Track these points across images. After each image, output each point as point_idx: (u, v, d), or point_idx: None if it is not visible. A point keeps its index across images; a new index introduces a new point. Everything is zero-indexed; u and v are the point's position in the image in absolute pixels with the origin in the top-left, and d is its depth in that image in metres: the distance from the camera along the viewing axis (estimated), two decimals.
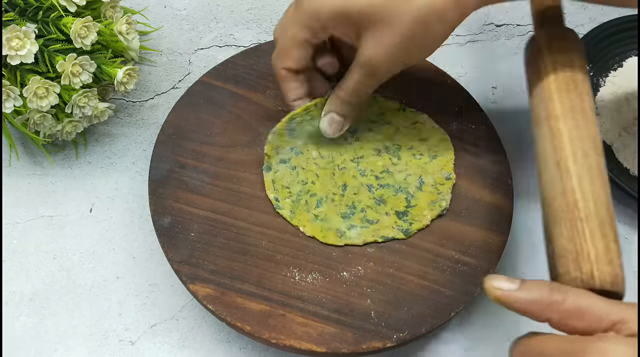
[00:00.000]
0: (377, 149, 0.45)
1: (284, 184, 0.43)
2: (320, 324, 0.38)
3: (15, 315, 0.44)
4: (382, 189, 0.44)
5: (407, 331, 0.38)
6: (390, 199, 0.43)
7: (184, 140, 0.45)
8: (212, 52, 0.56)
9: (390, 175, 0.44)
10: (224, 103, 0.47)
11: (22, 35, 0.41)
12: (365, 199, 0.43)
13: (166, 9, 0.58)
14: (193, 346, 0.43)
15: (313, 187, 0.43)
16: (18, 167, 0.49)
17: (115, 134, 0.51)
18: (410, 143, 0.46)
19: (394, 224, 0.42)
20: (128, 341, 0.43)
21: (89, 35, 0.44)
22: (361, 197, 0.43)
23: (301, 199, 0.43)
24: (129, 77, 0.46)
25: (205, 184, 0.43)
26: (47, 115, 0.44)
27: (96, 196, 0.48)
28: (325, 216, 0.42)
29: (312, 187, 0.43)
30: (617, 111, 0.52)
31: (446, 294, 0.40)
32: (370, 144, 0.45)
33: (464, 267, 0.41)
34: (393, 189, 0.44)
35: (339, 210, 0.43)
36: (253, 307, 0.39)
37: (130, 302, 0.44)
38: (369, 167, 0.44)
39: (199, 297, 0.39)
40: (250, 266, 0.40)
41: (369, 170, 0.44)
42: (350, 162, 0.44)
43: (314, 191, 0.43)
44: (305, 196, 0.43)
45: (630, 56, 0.55)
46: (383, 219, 0.42)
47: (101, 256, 0.46)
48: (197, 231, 0.41)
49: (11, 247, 0.46)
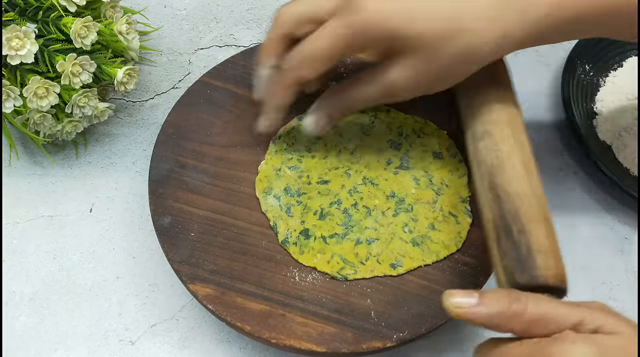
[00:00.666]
0: (386, 195, 0.43)
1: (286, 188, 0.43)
2: (320, 324, 0.38)
3: (15, 315, 0.44)
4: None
5: (407, 331, 0.38)
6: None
7: (184, 140, 0.45)
8: (212, 52, 0.56)
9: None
10: (224, 103, 0.47)
11: (22, 35, 0.41)
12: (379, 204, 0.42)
13: (166, 8, 0.58)
14: (193, 346, 0.43)
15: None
16: (18, 167, 0.49)
17: (115, 134, 0.51)
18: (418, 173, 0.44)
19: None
20: (128, 341, 0.43)
21: (89, 35, 0.44)
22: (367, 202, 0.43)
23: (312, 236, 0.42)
24: (129, 77, 0.46)
25: (205, 184, 0.43)
26: (47, 115, 0.44)
27: (96, 195, 0.48)
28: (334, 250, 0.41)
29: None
30: (617, 111, 0.52)
31: None
32: (379, 192, 0.43)
33: (464, 267, 0.41)
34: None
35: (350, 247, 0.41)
36: (253, 307, 0.39)
37: (130, 302, 0.44)
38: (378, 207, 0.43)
39: (199, 297, 0.39)
40: (250, 266, 0.40)
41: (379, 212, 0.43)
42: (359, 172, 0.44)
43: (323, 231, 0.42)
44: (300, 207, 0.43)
45: (630, 56, 0.55)
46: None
47: (101, 255, 0.46)
48: (197, 230, 0.41)
49: (11, 247, 0.46)
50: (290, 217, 0.42)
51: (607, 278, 0.46)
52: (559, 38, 0.37)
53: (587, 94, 0.53)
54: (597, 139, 0.51)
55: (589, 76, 0.54)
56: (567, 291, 0.33)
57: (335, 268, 0.40)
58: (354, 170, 0.44)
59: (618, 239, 0.48)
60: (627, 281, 0.46)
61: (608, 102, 0.53)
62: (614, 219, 0.49)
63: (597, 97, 0.53)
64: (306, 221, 0.42)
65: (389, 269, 0.40)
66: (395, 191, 0.43)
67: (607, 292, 0.46)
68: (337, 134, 0.46)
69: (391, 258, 0.41)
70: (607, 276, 0.47)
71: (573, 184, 0.51)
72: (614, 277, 0.47)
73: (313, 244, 0.41)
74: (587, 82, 0.54)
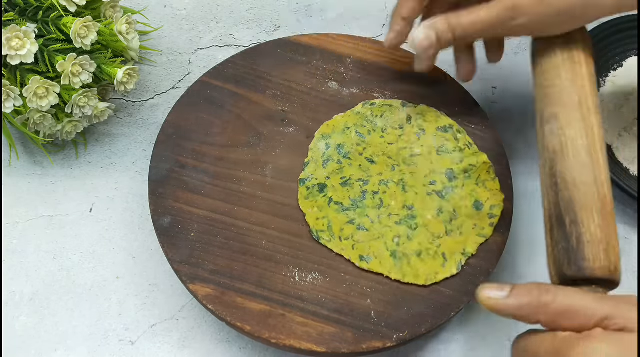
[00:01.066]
0: (406, 204, 0.43)
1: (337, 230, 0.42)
2: (320, 324, 0.38)
3: (15, 315, 0.44)
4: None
5: (407, 331, 0.38)
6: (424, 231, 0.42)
7: (184, 140, 0.45)
8: (212, 52, 0.56)
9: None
10: (224, 103, 0.47)
11: (22, 35, 0.41)
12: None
13: (166, 8, 0.58)
14: (193, 346, 0.43)
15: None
16: (18, 167, 0.49)
17: (115, 134, 0.51)
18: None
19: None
20: (128, 341, 0.43)
21: (89, 35, 0.44)
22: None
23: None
24: (129, 77, 0.46)
25: (205, 184, 0.43)
26: (47, 115, 0.44)
27: (96, 195, 0.48)
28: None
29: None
30: (617, 111, 0.52)
31: (446, 294, 0.40)
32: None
33: (464, 267, 0.41)
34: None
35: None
36: (253, 307, 0.39)
37: (130, 302, 0.44)
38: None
39: (199, 297, 0.39)
40: (250, 266, 0.40)
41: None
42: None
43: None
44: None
45: (630, 56, 0.55)
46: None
47: (101, 255, 0.46)
48: (197, 230, 0.41)
49: (11, 247, 0.46)
50: (322, 168, 0.44)
51: None
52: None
53: None
54: None
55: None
56: (618, 282, 0.33)
57: (317, 227, 0.42)
58: (399, 169, 0.44)
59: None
60: (627, 281, 0.46)
61: (608, 102, 0.53)
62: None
63: None
64: (331, 179, 0.44)
65: (356, 257, 0.41)
66: (416, 206, 0.43)
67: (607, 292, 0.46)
68: (416, 139, 0.46)
69: (365, 251, 0.41)
70: None
71: None
72: None
73: (319, 198, 0.43)
74: None
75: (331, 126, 0.46)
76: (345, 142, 0.45)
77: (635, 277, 0.47)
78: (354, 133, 0.45)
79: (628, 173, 0.49)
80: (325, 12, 0.59)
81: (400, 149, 0.45)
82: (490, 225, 0.42)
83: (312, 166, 0.44)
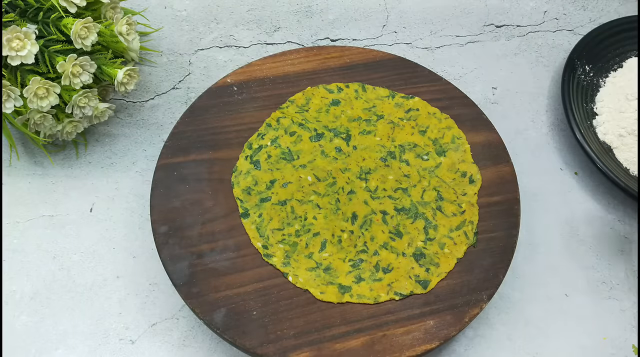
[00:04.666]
0: (382, 157, 0.43)
1: (276, 226, 0.41)
2: (420, 324, 0.39)
3: (15, 314, 0.44)
4: (398, 215, 0.42)
5: (488, 288, 0.40)
6: (408, 228, 0.41)
7: (184, 231, 0.42)
8: (212, 52, 0.56)
9: (405, 194, 0.42)
10: (199, 174, 0.44)
11: (22, 36, 0.41)
12: (379, 234, 0.41)
13: (166, 9, 0.58)
14: (193, 345, 0.43)
15: (315, 224, 0.41)
16: (18, 167, 0.50)
17: (115, 134, 0.51)
18: (412, 139, 0.44)
19: (410, 272, 0.40)
20: (128, 340, 0.43)
21: (89, 36, 0.44)
22: (374, 232, 0.41)
23: (301, 241, 0.40)
24: (129, 78, 0.47)
25: (234, 259, 0.41)
26: (47, 116, 0.45)
27: (96, 195, 0.49)
28: (329, 264, 0.40)
29: (314, 224, 0.41)
30: (617, 111, 0.52)
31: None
32: (371, 152, 0.43)
33: None
34: (411, 214, 0.42)
35: (347, 255, 0.40)
36: (354, 345, 0.38)
37: (130, 302, 0.44)
38: (380, 185, 0.42)
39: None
40: (326, 310, 0.39)
41: (380, 189, 0.42)
42: (358, 179, 0.42)
43: (316, 228, 0.41)
44: (305, 237, 0.41)
45: (630, 56, 0.55)
46: (399, 264, 0.40)
47: (101, 255, 0.46)
48: (256, 307, 0.39)
49: (11, 247, 0.46)
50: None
51: (607, 278, 0.46)
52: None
53: (587, 94, 0.53)
54: (597, 139, 0.51)
55: (589, 77, 0.54)
56: None
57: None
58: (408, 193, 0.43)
59: (618, 239, 0.48)
60: (627, 281, 0.46)
61: (608, 103, 0.53)
62: (614, 219, 0.49)
63: (597, 98, 0.53)
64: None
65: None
66: (407, 207, 0.43)
67: (607, 292, 0.46)
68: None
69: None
70: (607, 275, 0.47)
71: (573, 184, 0.51)
72: (614, 277, 0.47)
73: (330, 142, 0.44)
74: (587, 83, 0.54)
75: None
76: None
77: (635, 277, 0.47)
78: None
79: (628, 173, 0.49)
80: (325, 13, 0.59)
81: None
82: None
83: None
